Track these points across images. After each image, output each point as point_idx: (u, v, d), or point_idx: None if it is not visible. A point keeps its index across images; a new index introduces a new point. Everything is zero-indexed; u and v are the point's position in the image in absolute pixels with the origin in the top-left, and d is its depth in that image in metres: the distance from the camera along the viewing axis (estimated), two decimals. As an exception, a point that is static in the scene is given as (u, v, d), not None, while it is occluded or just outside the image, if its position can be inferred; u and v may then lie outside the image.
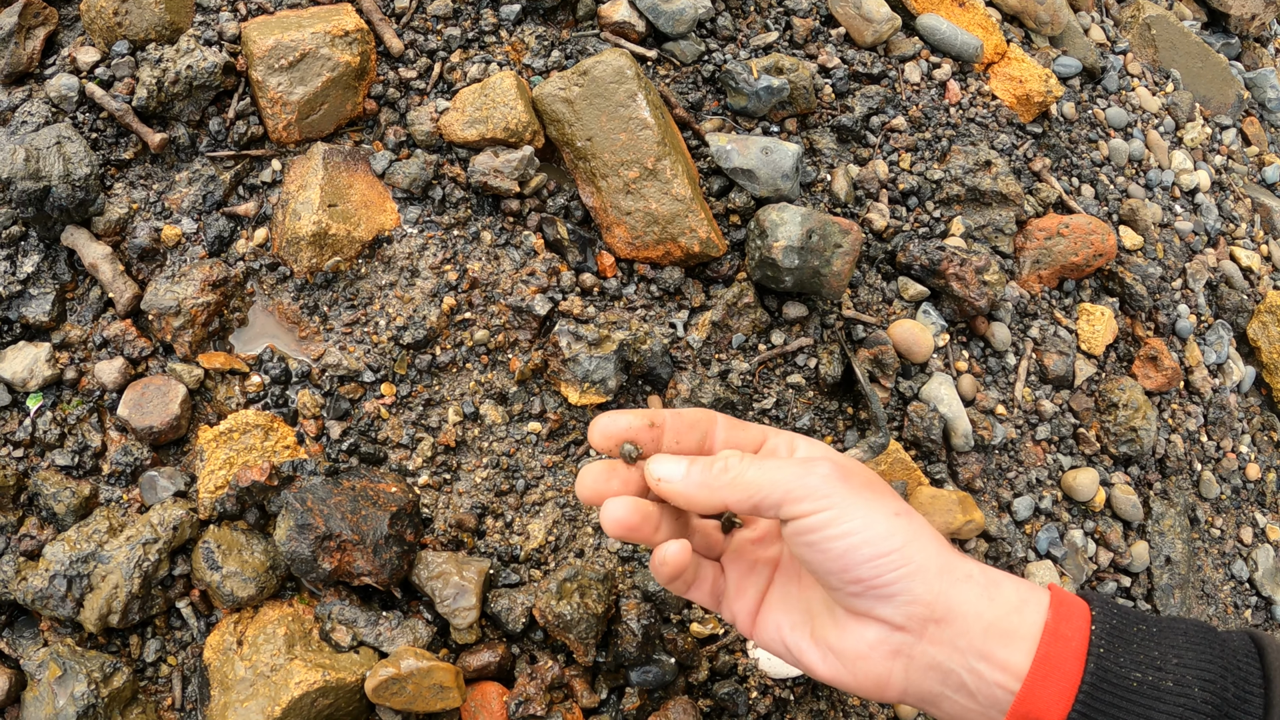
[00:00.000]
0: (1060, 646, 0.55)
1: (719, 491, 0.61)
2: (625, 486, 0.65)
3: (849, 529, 0.57)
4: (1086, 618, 0.57)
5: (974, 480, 1.07)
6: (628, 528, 0.63)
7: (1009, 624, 0.56)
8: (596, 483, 0.65)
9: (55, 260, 0.95)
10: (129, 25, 0.97)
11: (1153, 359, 1.23)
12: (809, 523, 0.58)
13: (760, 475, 0.60)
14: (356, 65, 0.97)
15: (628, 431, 0.65)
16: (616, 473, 0.65)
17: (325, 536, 0.85)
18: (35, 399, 0.91)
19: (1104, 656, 0.54)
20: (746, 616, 0.68)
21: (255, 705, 0.81)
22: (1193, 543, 1.25)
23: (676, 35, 1.08)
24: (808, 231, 0.96)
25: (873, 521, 0.57)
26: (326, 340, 0.95)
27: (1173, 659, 0.54)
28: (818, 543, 0.58)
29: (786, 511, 0.59)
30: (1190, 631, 0.56)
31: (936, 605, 0.57)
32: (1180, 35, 1.50)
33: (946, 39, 1.21)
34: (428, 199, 0.99)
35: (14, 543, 0.87)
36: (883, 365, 1.04)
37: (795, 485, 0.59)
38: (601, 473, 0.65)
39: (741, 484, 0.60)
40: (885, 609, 0.58)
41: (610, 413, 0.66)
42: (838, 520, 0.57)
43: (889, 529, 0.57)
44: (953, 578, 0.58)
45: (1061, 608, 0.57)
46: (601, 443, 0.65)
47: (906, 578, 0.57)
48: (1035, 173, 1.23)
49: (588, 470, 0.66)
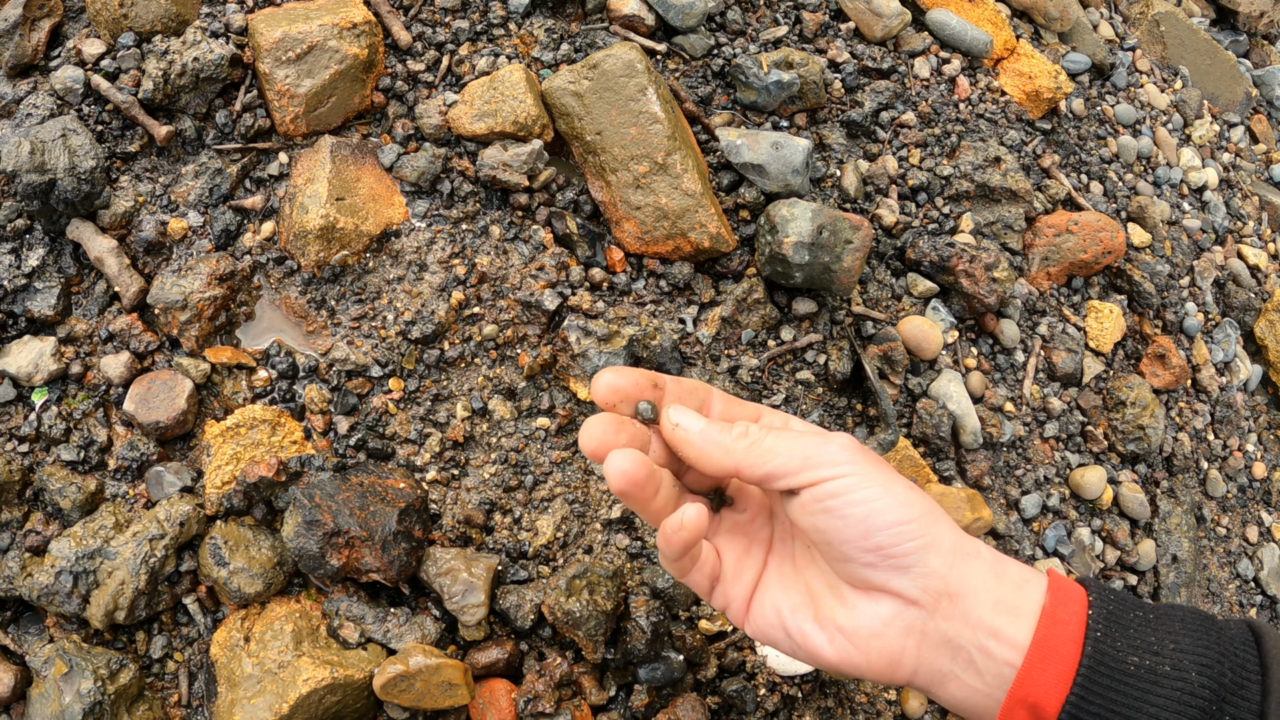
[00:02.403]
0: (1057, 630, 0.55)
1: (734, 454, 0.60)
2: (632, 441, 0.63)
3: (871, 495, 0.57)
4: (1083, 602, 0.57)
5: (982, 477, 1.07)
6: (633, 481, 0.60)
7: (1014, 600, 0.57)
8: (606, 434, 0.62)
9: (61, 254, 0.94)
10: (135, 17, 0.96)
11: (1160, 357, 1.22)
12: (830, 487, 0.57)
13: (779, 443, 0.59)
14: (364, 58, 0.96)
15: (634, 387, 0.63)
16: (625, 427, 0.63)
17: (333, 533, 0.84)
18: (40, 393, 0.90)
19: (1101, 640, 0.54)
20: (741, 602, 0.65)
21: (263, 702, 0.80)
22: (1199, 541, 1.25)
23: (686, 29, 1.07)
24: (818, 227, 0.96)
25: (893, 490, 0.57)
26: (334, 335, 0.95)
27: (1169, 644, 0.54)
28: (838, 508, 0.57)
29: (806, 478, 0.58)
30: (1187, 618, 0.56)
31: (950, 579, 0.57)
32: (1189, 32, 1.49)
33: (956, 34, 1.20)
34: (436, 193, 0.98)
35: (19, 539, 0.87)
36: (892, 362, 1.04)
37: (815, 453, 0.58)
38: (610, 424, 0.62)
39: (760, 449, 0.59)
40: (901, 581, 0.57)
41: (614, 368, 0.64)
42: (859, 486, 0.57)
43: (908, 498, 0.57)
44: (964, 553, 0.58)
45: (1059, 592, 0.57)
46: (606, 396, 0.63)
47: (923, 549, 0.57)
48: (1044, 169, 1.23)
49: (594, 421, 0.62)
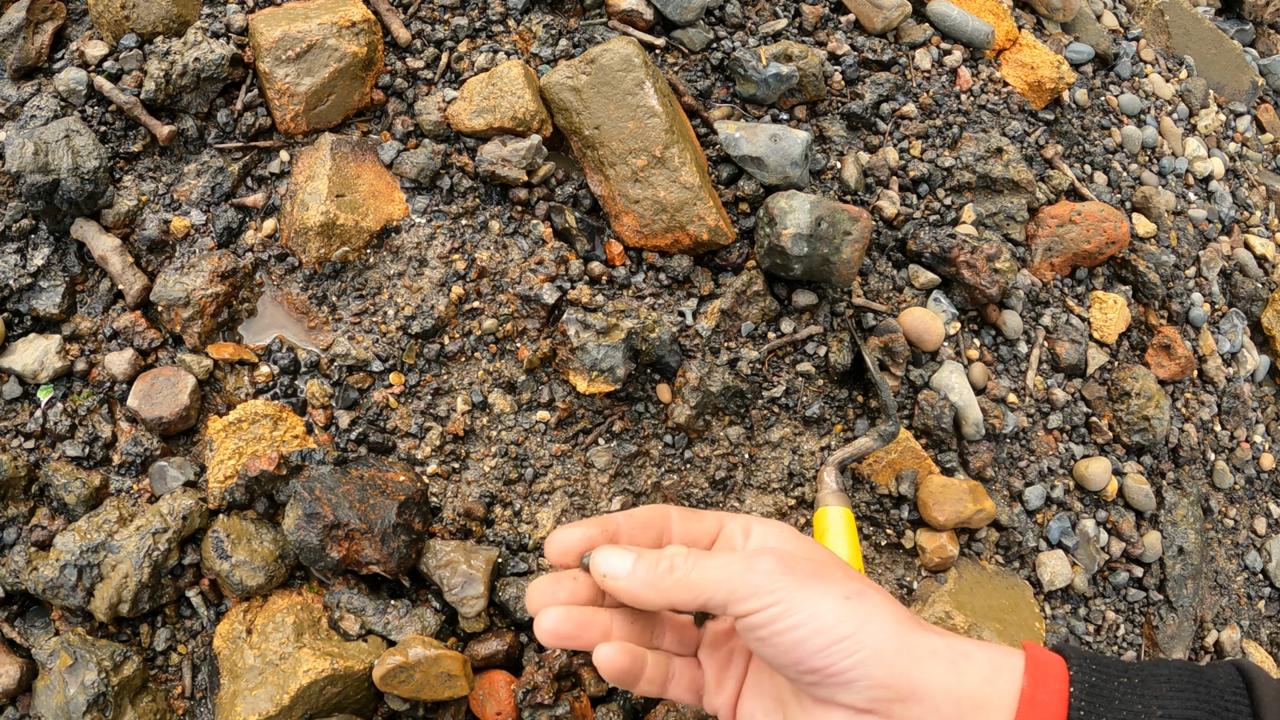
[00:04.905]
0: (1039, 713, 0.54)
1: (665, 592, 0.61)
2: (572, 597, 0.66)
3: (797, 621, 0.56)
4: (1064, 679, 0.56)
5: (985, 469, 1.06)
6: (560, 636, 0.64)
7: (982, 695, 0.55)
8: (542, 597, 0.66)
9: (65, 253, 0.95)
10: (137, 18, 0.97)
11: (1166, 347, 1.22)
12: (756, 619, 0.57)
13: (703, 576, 0.60)
14: (364, 56, 0.97)
15: (582, 542, 0.65)
16: (563, 583, 0.66)
17: (333, 525, 0.85)
18: (46, 390, 0.91)
19: (1085, 718, 0.53)
20: (727, 711, 0.67)
21: (264, 693, 0.81)
22: (1206, 533, 1.24)
23: (685, 23, 1.08)
24: (817, 219, 0.96)
25: (821, 610, 0.56)
26: (335, 330, 0.95)
27: (1157, 710, 0.53)
28: (768, 638, 0.57)
29: (734, 610, 0.58)
30: (1174, 677, 0.55)
31: (899, 686, 0.56)
32: (1194, 21, 1.48)
33: (957, 25, 1.20)
34: (436, 188, 0.99)
35: (25, 533, 0.88)
36: (893, 353, 1.03)
37: (739, 584, 0.58)
38: (548, 585, 0.66)
39: (686, 585, 0.60)
40: (846, 695, 0.57)
41: (562, 528, 0.67)
42: (785, 614, 0.57)
43: (838, 616, 0.56)
44: (914, 656, 0.56)
45: (1037, 671, 0.56)
46: (559, 558, 0.66)
47: (862, 663, 0.56)
48: (1047, 160, 1.22)
49: (534, 585, 0.66)
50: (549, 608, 0.65)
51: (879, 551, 1.02)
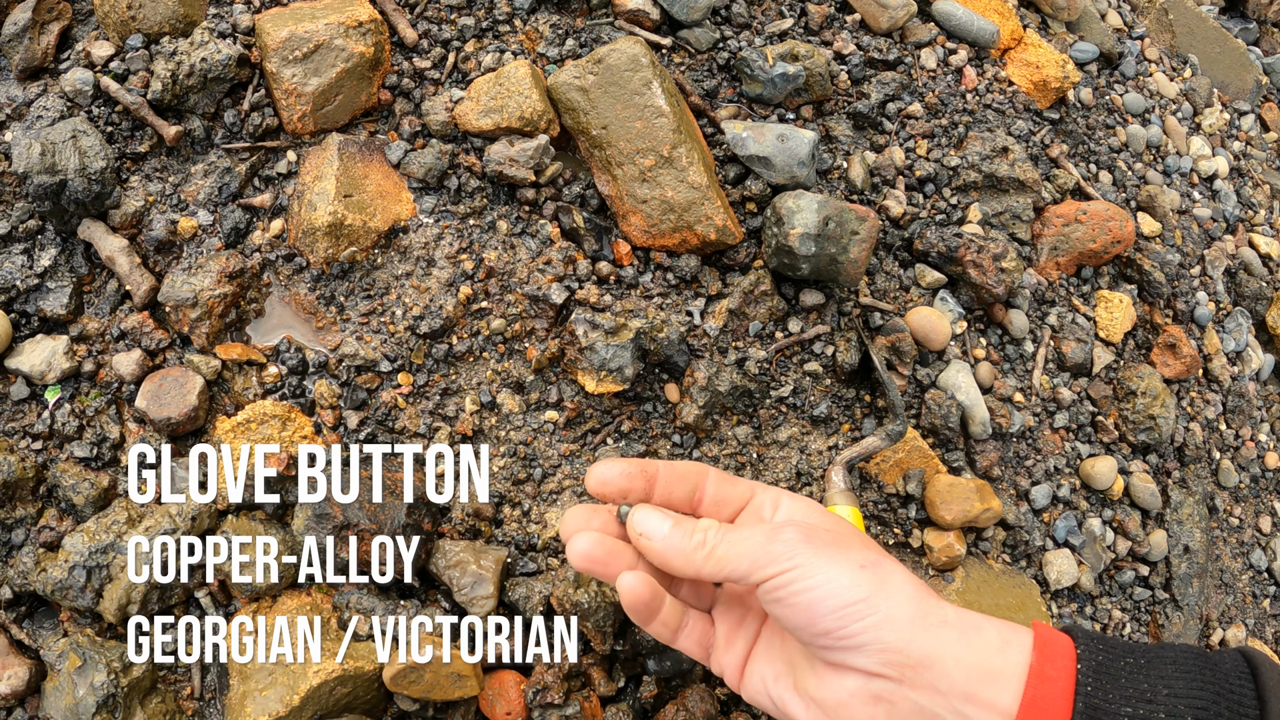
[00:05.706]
0: (1047, 688, 0.55)
1: (694, 564, 0.65)
2: (605, 529, 0.70)
3: (813, 584, 0.59)
4: (1071, 656, 0.56)
5: (992, 468, 1.06)
6: (591, 559, 0.68)
7: (992, 665, 0.56)
8: (577, 523, 0.70)
9: (72, 253, 0.95)
10: (143, 19, 0.97)
11: (1171, 346, 1.22)
12: (776, 582, 0.60)
13: (729, 550, 0.63)
14: (371, 56, 0.97)
15: (622, 478, 0.69)
16: (598, 514, 0.70)
17: (343, 526, 0.85)
18: (54, 391, 0.91)
19: (1092, 695, 0.54)
20: (734, 670, 0.70)
21: (274, 694, 0.81)
22: (1211, 532, 1.24)
23: (691, 22, 1.08)
24: (824, 219, 0.96)
25: (836, 575, 0.59)
26: (343, 330, 0.95)
27: (1163, 690, 0.54)
28: (784, 599, 0.60)
29: (755, 578, 0.61)
30: (1180, 659, 0.56)
31: (910, 651, 0.57)
32: (1198, 20, 1.49)
33: (962, 24, 1.20)
34: (443, 189, 0.99)
35: (33, 534, 0.88)
36: (900, 353, 1.04)
37: (760, 554, 0.61)
38: (584, 514, 0.71)
39: (714, 559, 0.64)
40: (858, 658, 0.58)
41: (607, 460, 0.70)
42: (803, 576, 0.59)
43: (853, 580, 0.59)
44: (926, 623, 0.58)
45: (1045, 647, 0.57)
46: (597, 488, 0.70)
47: (874, 627, 0.58)
48: (1053, 159, 1.22)
49: (570, 512, 0.71)
50: (584, 532, 0.68)
51: (886, 550, 1.02)
